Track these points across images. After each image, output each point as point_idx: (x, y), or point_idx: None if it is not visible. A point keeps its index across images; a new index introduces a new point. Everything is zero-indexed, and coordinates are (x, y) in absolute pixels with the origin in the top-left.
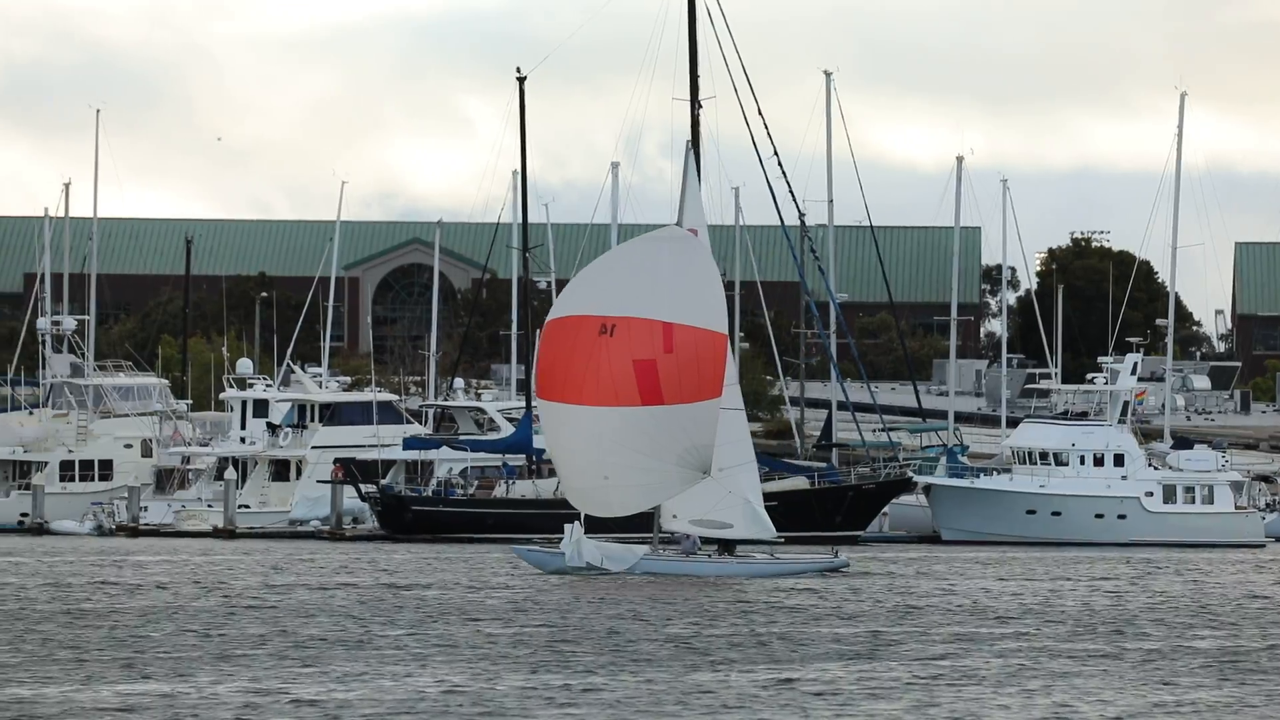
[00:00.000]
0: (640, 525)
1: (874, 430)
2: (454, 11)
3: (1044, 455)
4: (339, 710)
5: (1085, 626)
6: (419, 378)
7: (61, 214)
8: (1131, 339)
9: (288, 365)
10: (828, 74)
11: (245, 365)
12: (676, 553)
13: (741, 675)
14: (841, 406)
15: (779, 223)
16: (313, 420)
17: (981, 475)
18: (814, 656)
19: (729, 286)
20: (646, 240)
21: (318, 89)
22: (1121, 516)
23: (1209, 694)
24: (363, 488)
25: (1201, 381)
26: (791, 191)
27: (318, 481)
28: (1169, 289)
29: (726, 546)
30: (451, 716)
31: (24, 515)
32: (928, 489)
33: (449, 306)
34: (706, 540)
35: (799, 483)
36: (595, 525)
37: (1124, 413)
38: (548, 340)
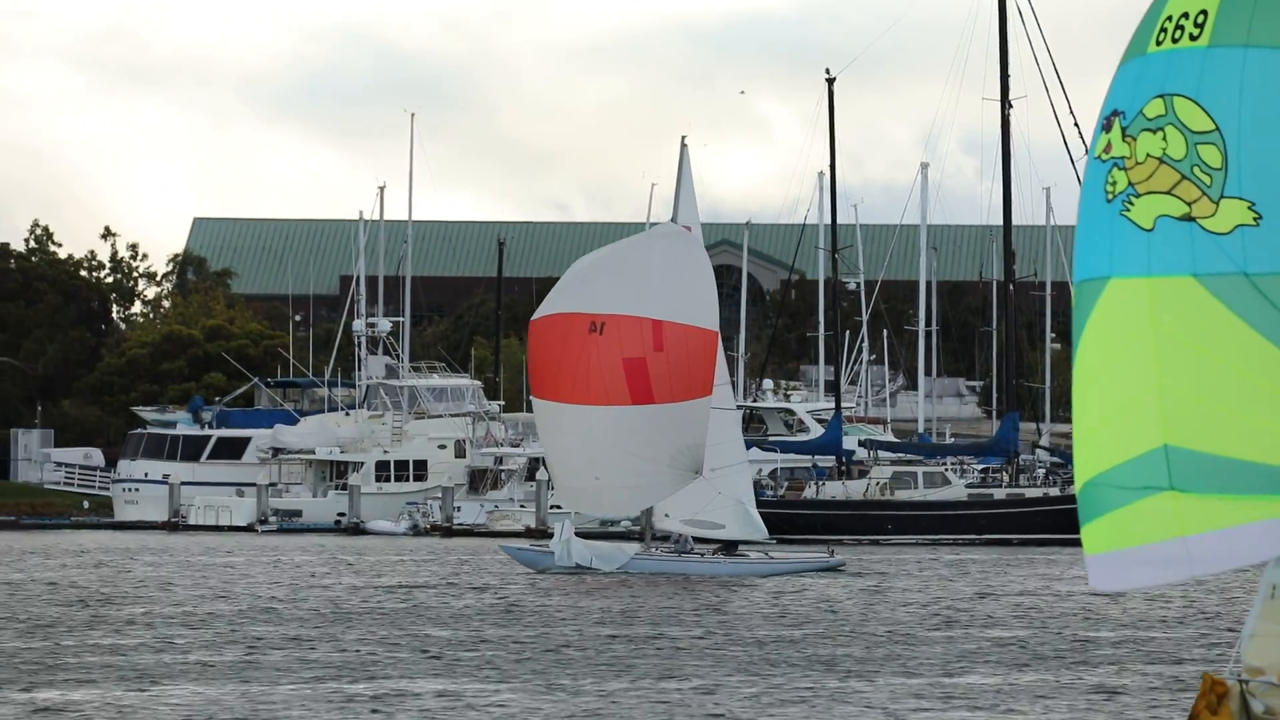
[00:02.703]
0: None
1: None
2: (741, 15)
3: None
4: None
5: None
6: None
7: (376, 217)
8: None
9: None
10: None
11: None
12: (669, 551)
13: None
14: None
15: None
16: None
17: None
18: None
19: (1039, 286)
20: (641, 237)
21: (611, 93)
22: None
23: None
24: None
25: None
26: None
27: None
28: None
29: (728, 546)
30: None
31: (340, 515)
32: None
33: (757, 308)
34: (700, 540)
35: None
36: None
37: None
38: (538, 338)
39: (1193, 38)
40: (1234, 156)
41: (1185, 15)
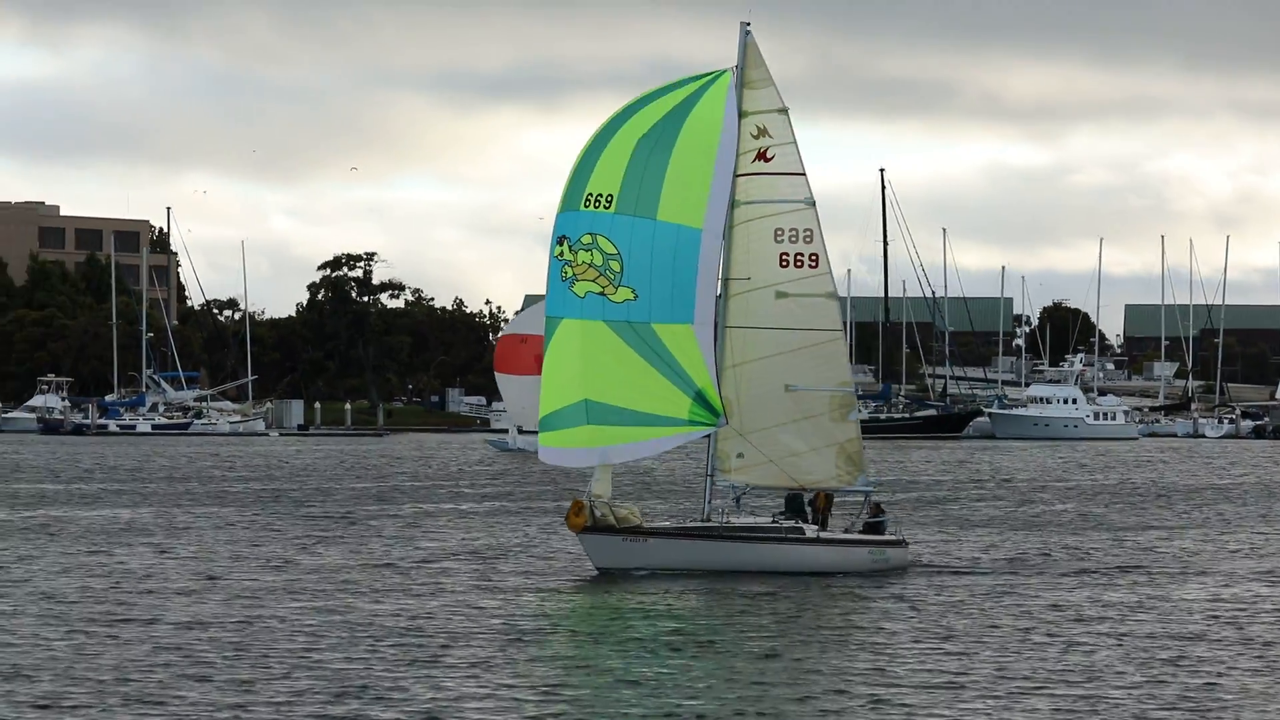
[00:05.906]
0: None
1: None
2: None
3: None
4: None
5: None
6: None
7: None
8: None
9: None
10: None
11: None
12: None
13: None
14: None
15: None
16: None
17: None
18: None
19: None
20: (539, 306)
21: None
22: None
23: None
24: None
25: None
26: None
27: None
28: None
29: None
30: None
31: None
32: None
33: None
34: None
35: None
36: None
37: None
38: (500, 345)
39: (605, 206)
40: (626, 267)
41: (600, 194)
